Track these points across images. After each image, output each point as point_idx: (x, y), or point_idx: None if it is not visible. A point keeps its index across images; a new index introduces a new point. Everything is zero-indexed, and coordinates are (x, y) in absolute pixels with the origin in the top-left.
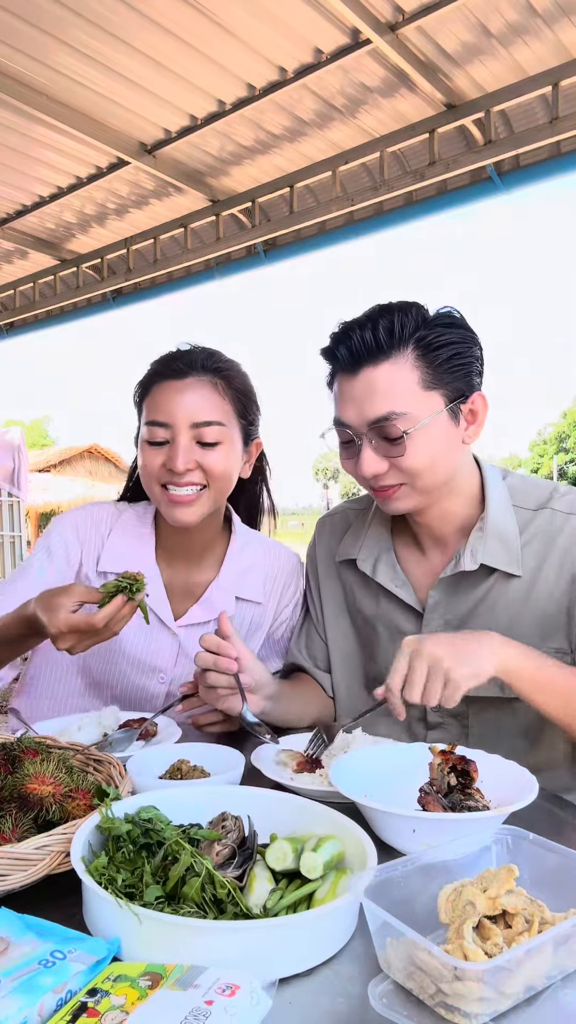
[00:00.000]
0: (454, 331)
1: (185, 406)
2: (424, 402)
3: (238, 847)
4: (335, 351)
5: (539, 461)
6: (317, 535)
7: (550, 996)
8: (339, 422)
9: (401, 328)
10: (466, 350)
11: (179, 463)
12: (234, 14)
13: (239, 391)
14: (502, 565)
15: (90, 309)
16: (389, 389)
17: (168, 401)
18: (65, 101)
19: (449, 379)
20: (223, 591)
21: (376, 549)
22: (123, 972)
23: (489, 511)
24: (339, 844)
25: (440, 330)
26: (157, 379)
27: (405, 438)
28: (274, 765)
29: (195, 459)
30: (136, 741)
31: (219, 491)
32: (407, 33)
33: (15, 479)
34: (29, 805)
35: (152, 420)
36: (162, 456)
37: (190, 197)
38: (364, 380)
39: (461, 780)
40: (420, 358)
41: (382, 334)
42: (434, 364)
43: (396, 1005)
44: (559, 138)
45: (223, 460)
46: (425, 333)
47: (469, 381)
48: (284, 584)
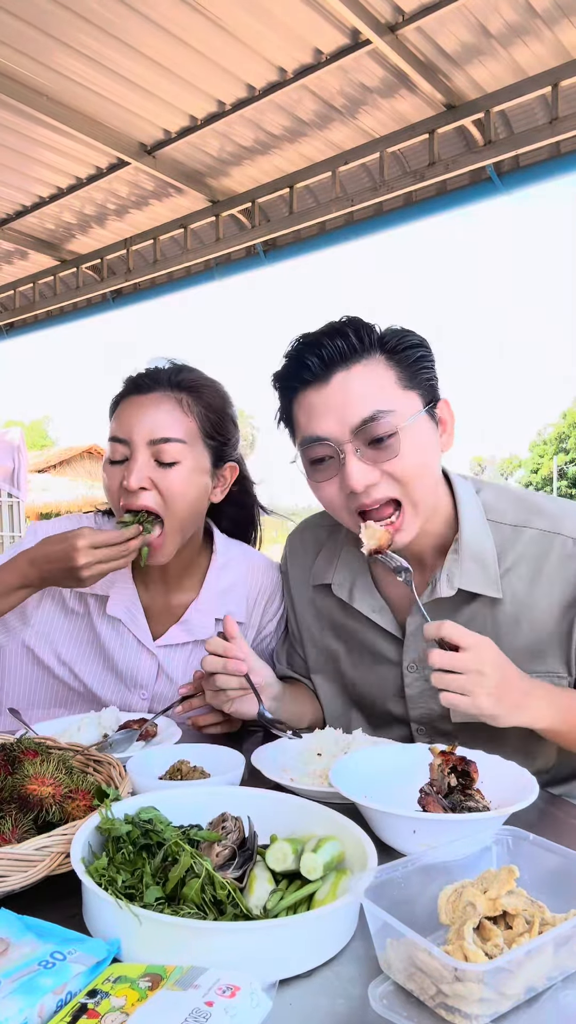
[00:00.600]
0: (412, 335)
1: (144, 422)
2: (405, 401)
3: (238, 848)
4: (304, 360)
5: (539, 461)
6: (288, 553)
7: (551, 997)
8: (314, 438)
9: (368, 333)
10: (427, 353)
11: (132, 480)
12: (234, 15)
13: (207, 409)
14: (480, 589)
15: (90, 309)
16: (369, 388)
17: (129, 417)
18: (65, 102)
19: (421, 380)
20: (203, 613)
21: (351, 573)
22: (123, 973)
23: (463, 531)
24: (339, 845)
25: (401, 333)
26: (123, 395)
27: (395, 437)
28: (279, 768)
29: (150, 477)
30: (136, 742)
31: (179, 519)
32: (407, 34)
33: (15, 479)
34: (29, 806)
35: (112, 436)
36: (121, 473)
37: (190, 198)
38: (339, 385)
39: (461, 781)
40: (390, 359)
41: (352, 338)
42: (405, 364)
43: (396, 1006)
44: (559, 138)
45: (180, 481)
46: (389, 337)
47: (434, 387)
48: (268, 600)
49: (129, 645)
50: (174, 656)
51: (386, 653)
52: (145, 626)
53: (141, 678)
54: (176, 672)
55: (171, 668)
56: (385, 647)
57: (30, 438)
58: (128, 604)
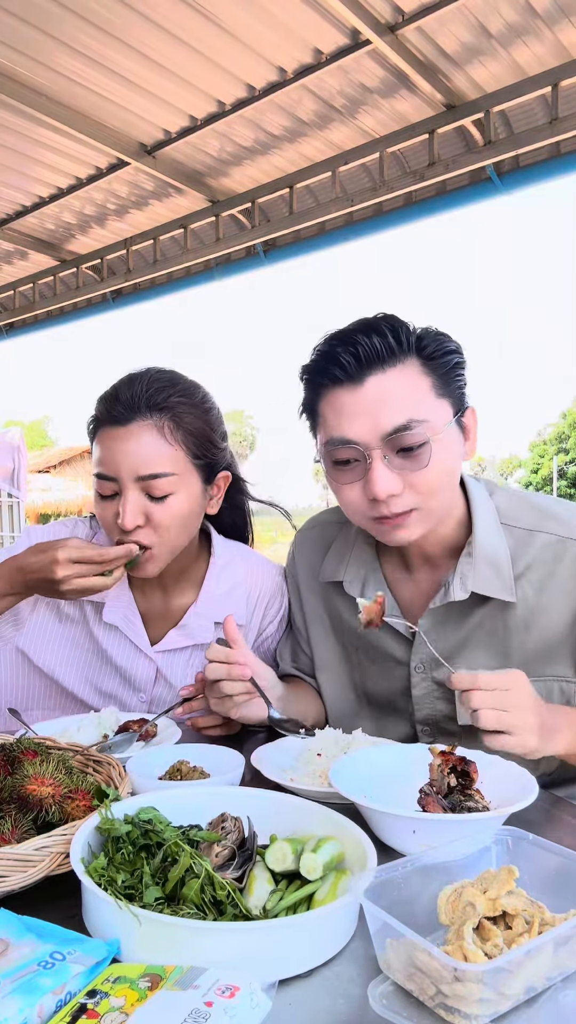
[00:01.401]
0: (449, 341)
1: (129, 459)
2: (439, 410)
3: (238, 848)
4: (338, 358)
5: (539, 462)
6: (296, 551)
7: (550, 997)
8: (342, 440)
9: (406, 335)
10: (462, 361)
11: (127, 522)
12: (234, 15)
13: (190, 431)
14: (494, 592)
15: (90, 310)
16: (404, 395)
17: (111, 452)
18: (65, 102)
19: (453, 389)
20: (201, 616)
21: (363, 570)
22: (123, 973)
23: (477, 534)
24: (339, 845)
25: (438, 338)
26: (101, 424)
27: (427, 448)
28: (278, 767)
29: (144, 512)
30: (136, 742)
31: (172, 544)
32: (407, 34)
33: (15, 479)
34: (29, 806)
35: (98, 473)
36: (113, 509)
37: (190, 198)
38: (373, 388)
39: (461, 781)
40: (425, 364)
41: (390, 339)
42: (440, 371)
43: (396, 1006)
44: (559, 139)
45: (173, 513)
46: (426, 341)
47: (463, 394)
48: (268, 603)
49: (127, 651)
50: (173, 661)
51: (394, 653)
52: (143, 632)
53: (140, 683)
54: (175, 676)
55: (170, 673)
56: (394, 647)
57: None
58: (125, 610)
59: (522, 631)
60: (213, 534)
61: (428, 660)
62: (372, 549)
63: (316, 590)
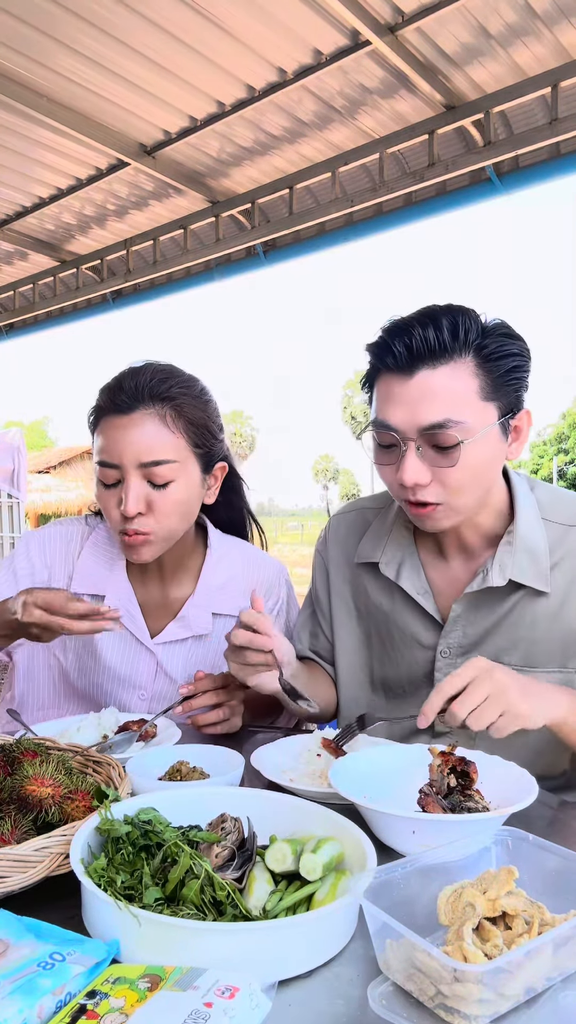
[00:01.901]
0: (514, 343)
1: (132, 446)
2: (481, 413)
3: (237, 849)
4: (391, 347)
5: (539, 462)
6: (331, 534)
7: (550, 998)
8: (383, 424)
9: (464, 332)
10: (523, 364)
11: (130, 508)
12: (233, 15)
13: (191, 421)
14: (530, 581)
15: (90, 310)
16: (447, 395)
17: (115, 441)
18: (64, 102)
19: (505, 392)
20: (199, 608)
21: (400, 553)
22: (122, 974)
23: (519, 524)
24: (339, 845)
25: (502, 339)
26: (103, 413)
27: (458, 448)
28: (281, 766)
29: (146, 499)
30: (136, 742)
31: (171, 531)
32: (406, 34)
33: (15, 480)
34: (28, 807)
35: (101, 461)
36: (116, 497)
37: (189, 198)
38: (420, 382)
39: (461, 781)
40: (480, 366)
41: (446, 335)
42: (494, 375)
43: (396, 1007)
44: (558, 139)
45: (175, 500)
46: (487, 341)
47: (519, 397)
48: (267, 593)
49: (127, 644)
50: (173, 653)
51: (421, 637)
52: (143, 624)
53: (140, 677)
54: (175, 670)
55: (170, 666)
56: (421, 630)
57: (30, 439)
58: (124, 602)
59: (550, 621)
60: (209, 527)
61: (455, 646)
62: (410, 534)
63: (346, 575)
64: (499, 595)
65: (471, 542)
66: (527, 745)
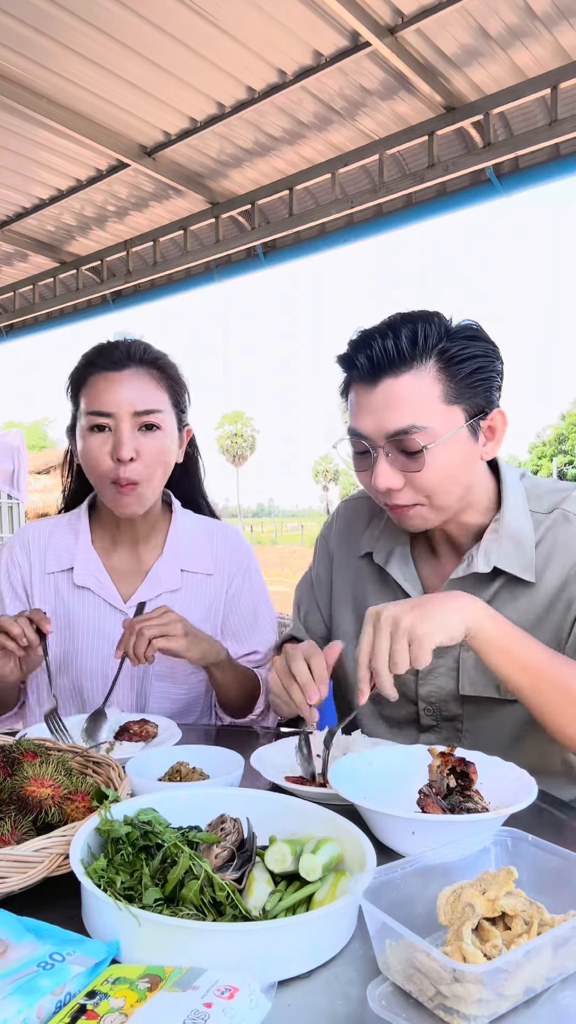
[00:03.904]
0: (477, 344)
1: (128, 396)
2: (445, 417)
3: (237, 849)
4: (354, 359)
5: (538, 463)
6: (336, 520)
7: (549, 998)
8: (355, 432)
9: (424, 338)
10: (488, 364)
11: (125, 451)
12: (234, 17)
13: (173, 380)
14: (515, 569)
15: (89, 311)
16: (410, 401)
17: (109, 391)
18: (65, 104)
19: (470, 394)
20: (168, 565)
21: (392, 544)
22: (122, 974)
23: (504, 513)
24: (338, 846)
25: (464, 342)
26: (93, 370)
27: (424, 453)
28: (275, 768)
29: (135, 447)
30: (135, 742)
31: (157, 479)
32: (406, 36)
33: (15, 481)
34: (28, 807)
35: (95, 410)
36: (107, 445)
37: (189, 199)
38: (384, 391)
39: (460, 782)
40: (442, 371)
41: (404, 344)
42: (457, 378)
43: (395, 1007)
44: (558, 140)
45: (161, 446)
46: (449, 345)
47: (489, 396)
48: (233, 550)
49: (101, 611)
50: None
51: None
52: (113, 589)
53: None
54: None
55: None
56: None
57: (29, 440)
58: (94, 571)
59: (528, 608)
60: (172, 497)
61: None
62: None
63: (348, 563)
64: (484, 584)
65: (458, 538)
66: (517, 738)
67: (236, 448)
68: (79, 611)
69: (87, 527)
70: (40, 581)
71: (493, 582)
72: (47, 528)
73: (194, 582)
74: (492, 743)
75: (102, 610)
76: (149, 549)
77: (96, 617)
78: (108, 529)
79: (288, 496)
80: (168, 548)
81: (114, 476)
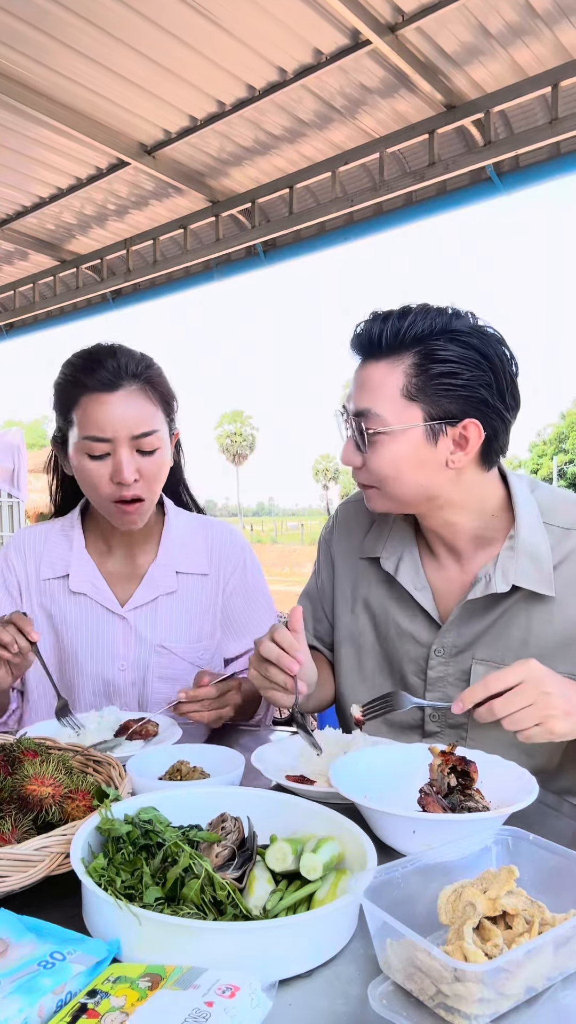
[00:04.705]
0: (458, 350)
1: (124, 420)
2: (400, 411)
3: (238, 848)
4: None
5: (538, 462)
6: (337, 523)
7: (550, 997)
8: (344, 405)
9: (407, 332)
10: (464, 372)
11: (127, 475)
12: (234, 15)
13: (164, 393)
14: (533, 586)
15: (90, 310)
16: (373, 387)
17: (105, 415)
18: (65, 102)
19: (436, 396)
20: (163, 568)
21: (400, 548)
22: (123, 973)
23: (520, 529)
24: (339, 845)
25: (444, 344)
26: (85, 391)
27: (370, 439)
28: (278, 766)
29: (136, 468)
30: (135, 741)
31: (157, 492)
32: (407, 34)
33: (15, 480)
34: (29, 806)
35: (92, 436)
36: (106, 468)
37: (190, 198)
38: (361, 372)
39: (461, 781)
40: (414, 366)
41: (388, 334)
42: (423, 375)
43: (396, 1006)
44: (559, 139)
45: (160, 465)
46: (429, 343)
47: (463, 406)
48: (228, 548)
49: (99, 616)
50: (143, 616)
51: (417, 633)
52: (110, 594)
53: (115, 646)
54: (148, 632)
55: (143, 629)
56: (418, 627)
57: (30, 438)
58: (90, 577)
59: (545, 623)
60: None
61: (450, 646)
62: (411, 529)
63: (350, 566)
64: (496, 597)
65: (457, 545)
66: (519, 747)
67: (236, 447)
68: (76, 616)
69: (80, 533)
70: (37, 588)
71: (509, 598)
72: (42, 534)
73: (190, 583)
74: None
75: (99, 614)
76: (144, 552)
77: (94, 622)
78: (102, 534)
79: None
80: (162, 551)
81: (117, 497)
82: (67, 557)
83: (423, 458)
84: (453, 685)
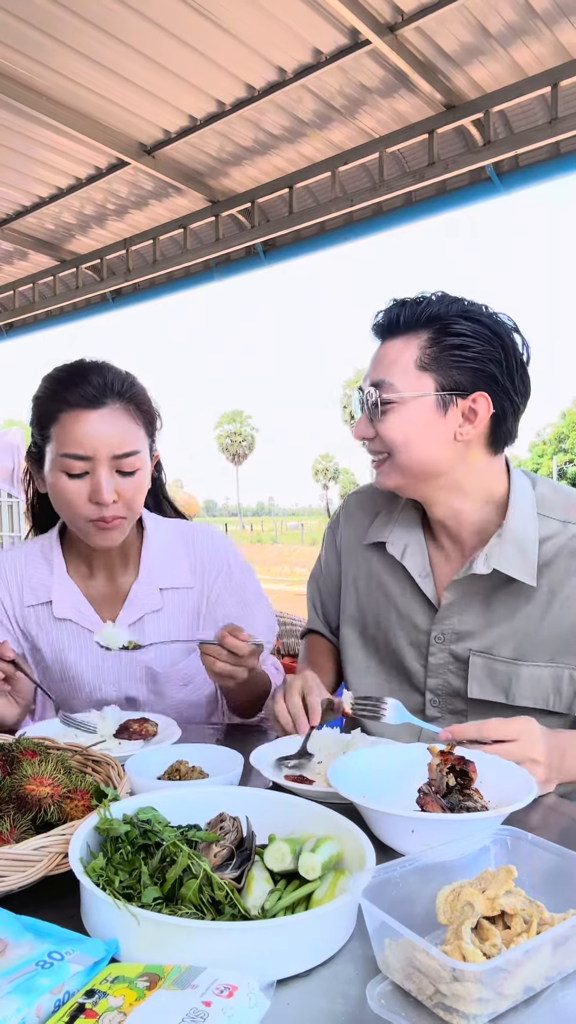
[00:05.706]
0: (473, 326)
1: (105, 439)
2: (413, 381)
3: (236, 848)
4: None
5: (539, 462)
6: (344, 512)
7: (548, 997)
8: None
9: (423, 312)
10: (476, 345)
11: (106, 496)
12: (233, 15)
13: (147, 413)
14: (516, 573)
15: (89, 310)
16: (390, 361)
17: (86, 433)
18: (64, 102)
19: (448, 367)
20: (145, 587)
21: (406, 535)
22: (121, 973)
23: (510, 518)
24: (337, 845)
25: (457, 319)
26: (66, 406)
27: (384, 408)
28: (273, 767)
29: (115, 488)
30: (135, 741)
31: (137, 511)
32: (406, 34)
33: (15, 479)
34: (27, 806)
35: (71, 453)
36: (84, 487)
37: (189, 198)
38: (381, 349)
39: (460, 780)
40: (428, 340)
41: (406, 314)
42: (436, 346)
43: (394, 1006)
44: (558, 138)
45: (140, 485)
46: (443, 321)
47: (474, 379)
48: (211, 555)
49: (86, 641)
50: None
51: (418, 620)
52: (96, 618)
53: (106, 670)
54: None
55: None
56: (419, 613)
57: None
58: (74, 602)
59: (538, 618)
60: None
61: (450, 633)
62: (418, 516)
63: (357, 554)
64: (490, 586)
65: (459, 533)
66: None
67: (235, 447)
68: (64, 642)
69: (60, 557)
70: (21, 614)
71: (503, 588)
72: (22, 557)
73: (176, 598)
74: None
75: (86, 639)
76: (124, 572)
77: (81, 646)
78: (83, 556)
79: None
80: (143, 568)
81: (94, 517)
82: (48, 582)
83: (433, 427)
84: (455, 674)
